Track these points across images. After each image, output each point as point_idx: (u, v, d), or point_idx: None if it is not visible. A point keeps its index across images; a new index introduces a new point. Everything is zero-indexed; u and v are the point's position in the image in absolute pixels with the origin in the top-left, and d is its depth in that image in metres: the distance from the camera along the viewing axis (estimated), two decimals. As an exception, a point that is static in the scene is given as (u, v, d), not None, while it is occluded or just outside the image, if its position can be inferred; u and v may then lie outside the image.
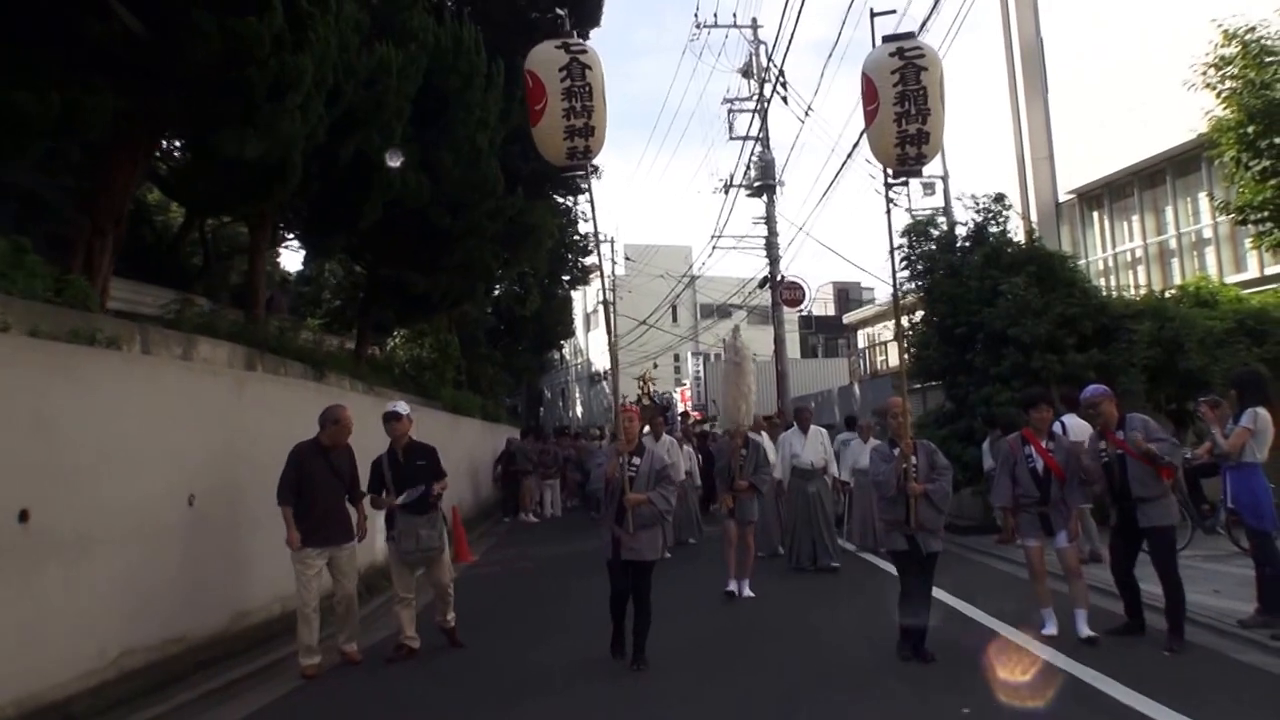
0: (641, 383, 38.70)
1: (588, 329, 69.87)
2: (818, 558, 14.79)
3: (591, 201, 10.80)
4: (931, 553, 9.08)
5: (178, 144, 14.99)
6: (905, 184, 21.66)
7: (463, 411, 25.37)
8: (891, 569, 12.76)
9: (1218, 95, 15.42)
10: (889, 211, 11.16)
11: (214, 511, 9.69)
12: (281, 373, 12.81)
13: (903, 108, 9.40)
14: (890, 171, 9.91)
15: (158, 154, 14.06)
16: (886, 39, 9.61)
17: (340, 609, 9.80)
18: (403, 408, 10.43)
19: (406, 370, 23.51)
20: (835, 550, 15.01)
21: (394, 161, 15.48)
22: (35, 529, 7.25)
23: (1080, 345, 17.52)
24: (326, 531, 9.51)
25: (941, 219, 24.12)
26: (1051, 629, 9.51)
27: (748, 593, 12.66)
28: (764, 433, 14.46)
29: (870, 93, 9.55)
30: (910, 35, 9.79)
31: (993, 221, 19.80)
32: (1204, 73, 15.55)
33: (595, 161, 10.03)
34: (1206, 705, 7.14)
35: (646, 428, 15.46)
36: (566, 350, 67.34)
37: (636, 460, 9.46)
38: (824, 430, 15.93)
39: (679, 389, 55.82)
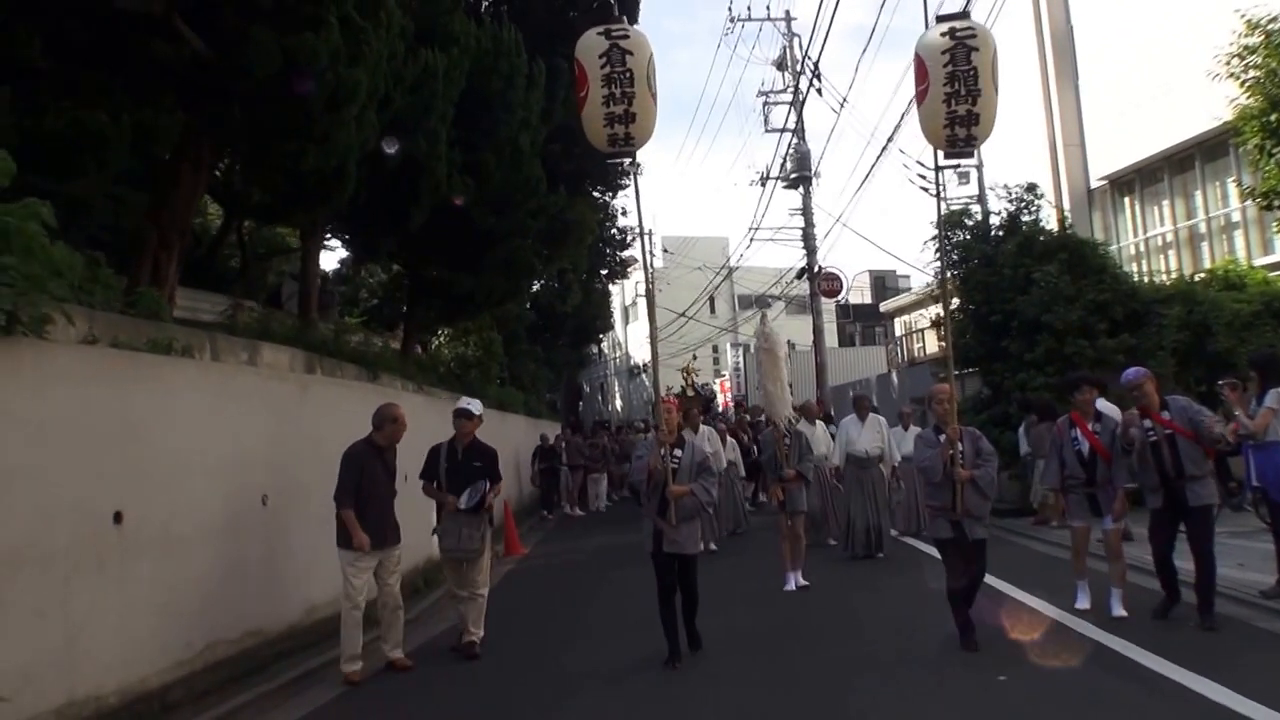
0: (685, 374, 38.86)
1: (626, 322, 70.19)
2: (870, 545, 14.95)
3: (636, 191, 11.06)
4: (977, 539, 9.04)
5: (237, 156, 15.54)
6: (956, 166, 21.92)
7: (507, 408, 25.86)
8: (937, 554, 13.20)
9: (1241, 84, 15.63)
10: (939, 195, 11.31)
11: (284, 510, 10.15)
12: (338, 375, 13.28)
13: (952, 88, 9.35)
14: (940, 153, 9.87)
15: (219, 167, 14.60)
16: (940, 19, 9.56)
17: (386, 614, 9.74)
18: (476, 407, 10.53)
19: (452, 369, 23.99)
20: (884, 540, 15.14)
21: (390, 149, 15.23)
22: (128, 529, 7.73)
23: (1111, 330, 17.83)
24: (381, 534, 9.48)
25: (976, 207, 24.40)
26: (1084, 603, 9.82)
27: (801, 581, 12.72)
28: (804, 420, 14.43)
29: (921, 73, 9.51)
30: (963, 15, 9.75)
31: (1025, 211, 20.10)
32: (1227, 62, 15.78)
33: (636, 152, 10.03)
34: (1228, 669, 7.45)
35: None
36: (605, 344, 67.69)
37: (678, 452, 9.47)
38: (882, 419, 16.06)
39: (719, 380, 56.10)
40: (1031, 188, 20.33)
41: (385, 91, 13.37)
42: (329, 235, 19.32)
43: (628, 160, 10.32)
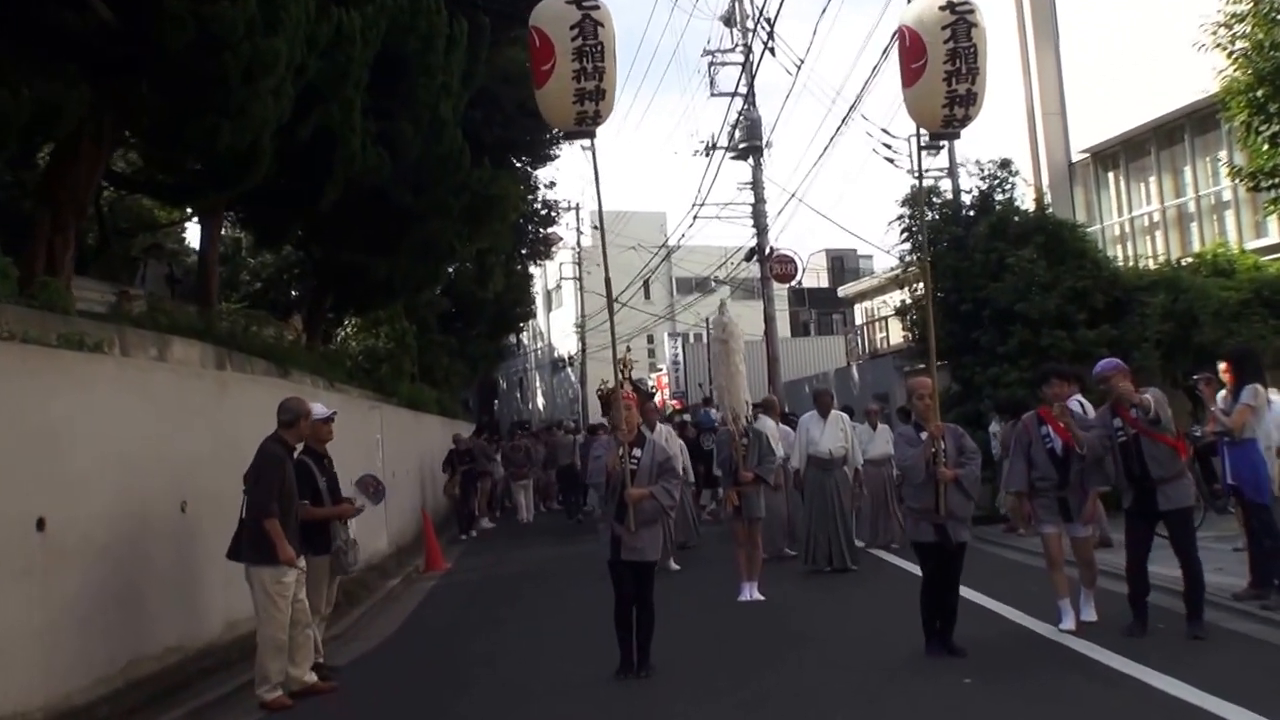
0: (622, 367, 39.31)
1: (549, 309, 70.69)
2: (832, 558, 15.37)
3: (595, 173, 11.37)
4: (960, 543, 9.74)
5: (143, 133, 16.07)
6: (939, 146, 22.76)
7: (420, 407, 26.56)
8: (908, 566, 14.03)
9: (1228, 56, 16.68)
10: (919, 174, 12.20)
11: (203, 518, 10.84)
12: (248, 371, 13.98)
13: (954, 66, 9.78)
14: (928, 134, 10.64)
15: (120, 145, 15.19)
16: (936, -9, 9.96)
17: (296, 632, 9.85)
18: (324, 409, 10.97)
19: (361, 363, 24.62)
20: (853, 551, 15.59)
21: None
22: (51, 536, 8.43)
23: (1091, 320, 18.93)
24: (297, 545, 9.77)
25: (945, 182, 25.36)
26: (1069, 623, 10.20)
27: (756, 595, 13.29)
28: (763, 417, 15.18)
29: (916, 49, 9.96)
30: None
31: (999, 189, 21.10)
32: (1214, 32, 16.80)
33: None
34: (1193, 668, 8.45)
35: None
36: (525, 334, 68.24)
37: (638, 452, 9.97)
38: (846, 416, 16.64)
39: (655, 375, 56.78)
40: (1006, 164, 21.32)
41: (300, 59, 13.99)
42: (230, 216, 19.86)
43: (587, 139, 10.73)
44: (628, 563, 9.77)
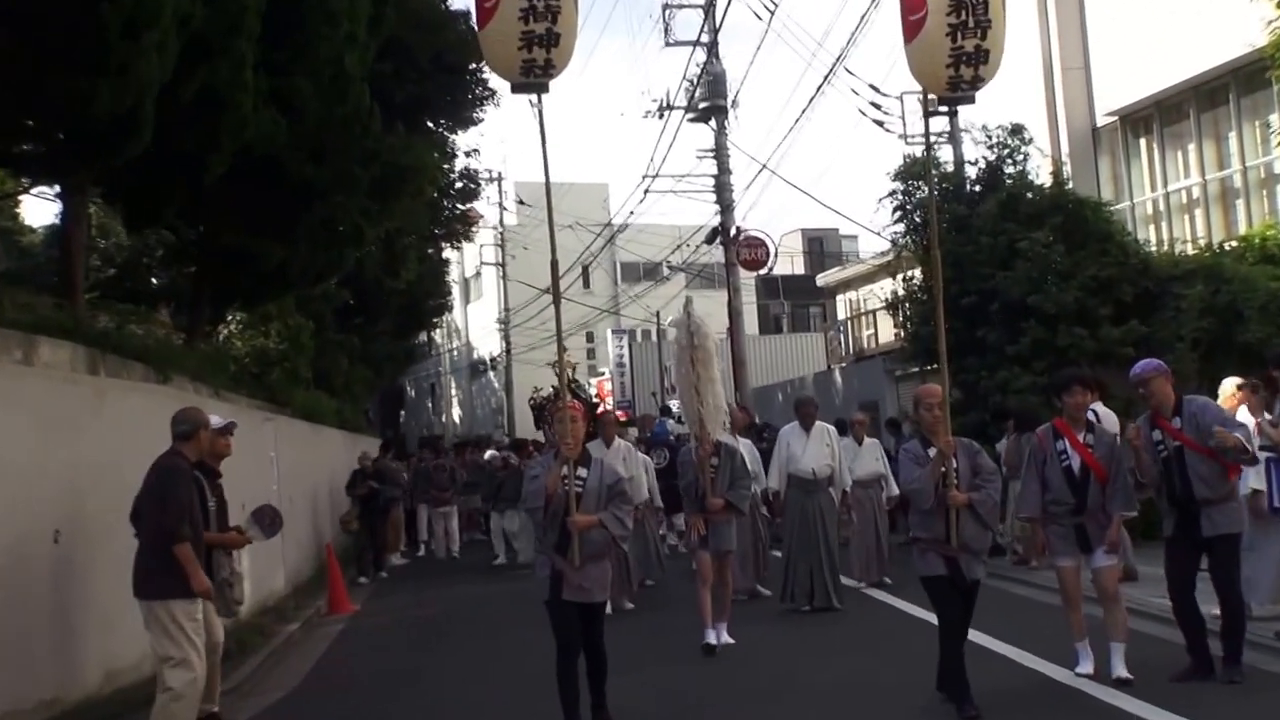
0: (562, 370, 39.23)
1: (467, 300, 70.97)
2: (814, 594, 15.69)
3: (543, 136, 11.18)
4: (975, 581, 9.92)
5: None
6: (952, 112, 23.24)
7: (318, 419, 26.89)
8: (902, 605, 14.69)
9: (1278, 4, 17.19)
10: (928, 143, 12.46)
11: (80, 549, 11.19)
12: (125, 376, 14.31)
13: (959, 18, 9.93)
14: (934, 98, 10.90)
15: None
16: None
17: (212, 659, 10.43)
18: (221, 420, 11.40)
19: (248, 366, 24.83)
20: (838, 586, 15.90)
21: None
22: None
23: (1117, 316, 19.44)
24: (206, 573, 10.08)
25: (946, 150, 25.78)
26: (1087, 666, 10.55)
27: (725, 639, 13.52)
28: (736, 435, 15.39)
29: None
30: None
31: (1009, 160, 21.58)
32: (1261, -23, 17.31)
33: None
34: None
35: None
36: (439, 332, 68.45)
37: (583, 472, 10.09)
38: (832, 428, 16.84)
39: (595, 380, 56.96)
40: (1018, 130, 21.82)
41: (186, 7, 14.29)
42: (98, 194, 19.96)
43: (535, 94, 10.86)
44: (572, 604, 9.85)
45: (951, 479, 9.77)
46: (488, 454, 28.42)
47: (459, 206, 45.22)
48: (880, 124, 29.49)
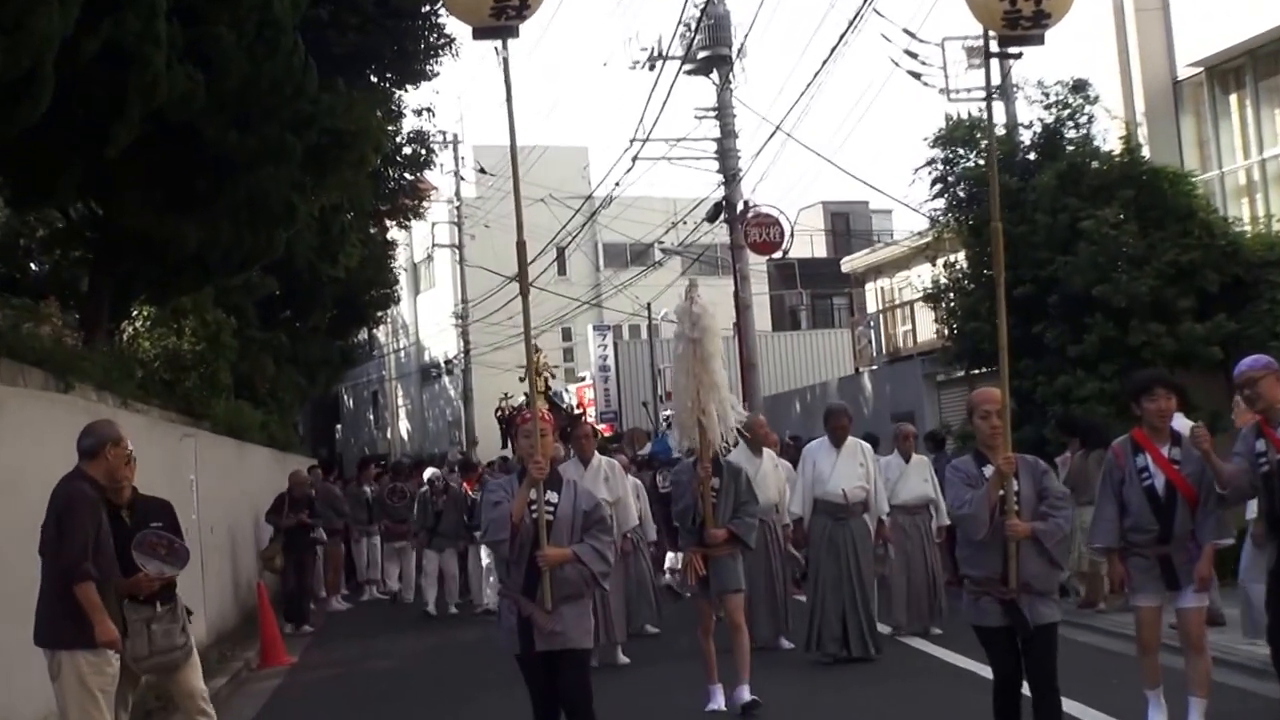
0: (542, 373, 38.75)
1: (416, 291, 71.15)
2: (849, 642, 15.74)
3: (508, 89, 10.96)
4: (1045, 625, 9.56)
5: None
6: (1018, 56, 23.34)
7: (242, 435, 27.22)
8: (950, 656, 15.05)
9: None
10: (990, 95, 12.85)
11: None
12: (20, 383, 14.61)
13: None
14: (994, 35, 10.63)
15: None
16: None
17: None
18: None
19: (158, 372, 24.95)
20: (874, 631, 16.05)
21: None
22: None
23: (1201, 309, 19.60)
24: (118, 620, 10.04)
25: (996, 109, 25.98)
26: (1159, 717, 10.68)
27: (746, 697, 13.24)
28: (743, 447, 15.49)
29: None
30: None
31: (1070, 122, 21.78)
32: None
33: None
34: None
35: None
36: (384, 329, 68.65)
37: (553, 496, 10.03)
38: (866, 445, 16.88)
39: (574, 386, 57.00)
40: (1080, 86, 21.97)
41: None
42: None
43: (502, 39, 10.84)
44: (546, 655, 9.82)
45: (1011, 504, 9.45)
46: (428, 473, 27.72)
47: (407, 176, 44.91)
48: (917, 76, 29.36)
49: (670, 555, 21.22)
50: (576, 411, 46.75)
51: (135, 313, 26.41)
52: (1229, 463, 10.32)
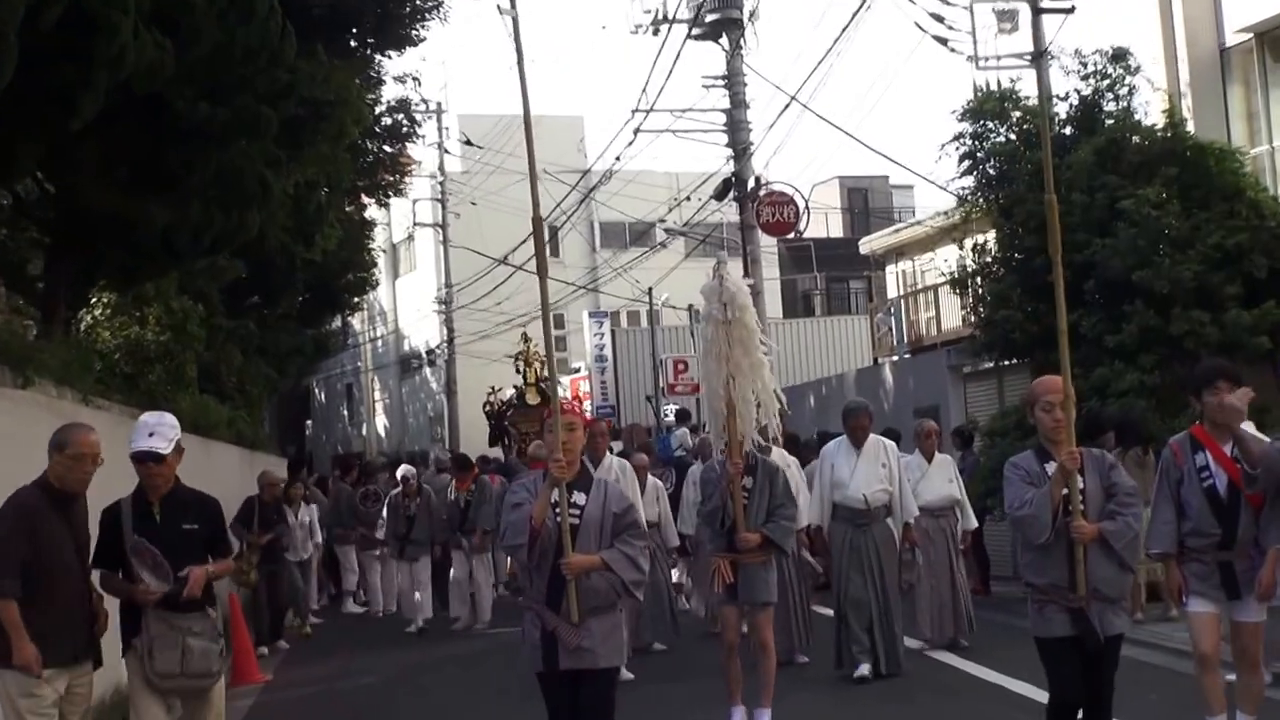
0: (533, 362, 38.65)
1: (396, 274, 71.18)
2: (881, 657, 15.83)
3: (518, 42, 10.88)
4: (1114, 636, 9.68)
5: None
6: (1070, 10, 23.19)
7: (209, 432, 27.31)
8: (982, 672, 15.27)
9: None
10: (1039, 54, 12.35)
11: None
12: (-26, 377, 14.82)
13: None
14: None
15: None
16: None
17: None
18: (170, 428, 11.17)
19: (119, 364, 25.04)
20: (899, 644, 16.19)
21: None
22: None
23: (1249, 295, 19.83)
24: (70, 640, 10.10)
25: (1027, 82, 26.05)
26: None
27: None
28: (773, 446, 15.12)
29: None
30: None
31: (1109, 94, 21.95)
32: None
33: None
34: None
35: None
36: (360, 317, 68.78)
37: (580, 497, 9.88)
38: (890, 444, 16.85)
39: (568, 379, 56.98)
40: (1120, 56, 22.06)
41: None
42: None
43: None
44: (571, 673, 9.67)
45: (1077, 504, 9.45)
46: (400, 470, 27.64)
47: (387, 149, 44.97)
48: (943, 41, 29.15)
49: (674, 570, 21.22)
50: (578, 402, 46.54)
51: (94, 300, 26.45)
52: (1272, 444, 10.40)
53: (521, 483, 10.62)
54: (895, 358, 39.31)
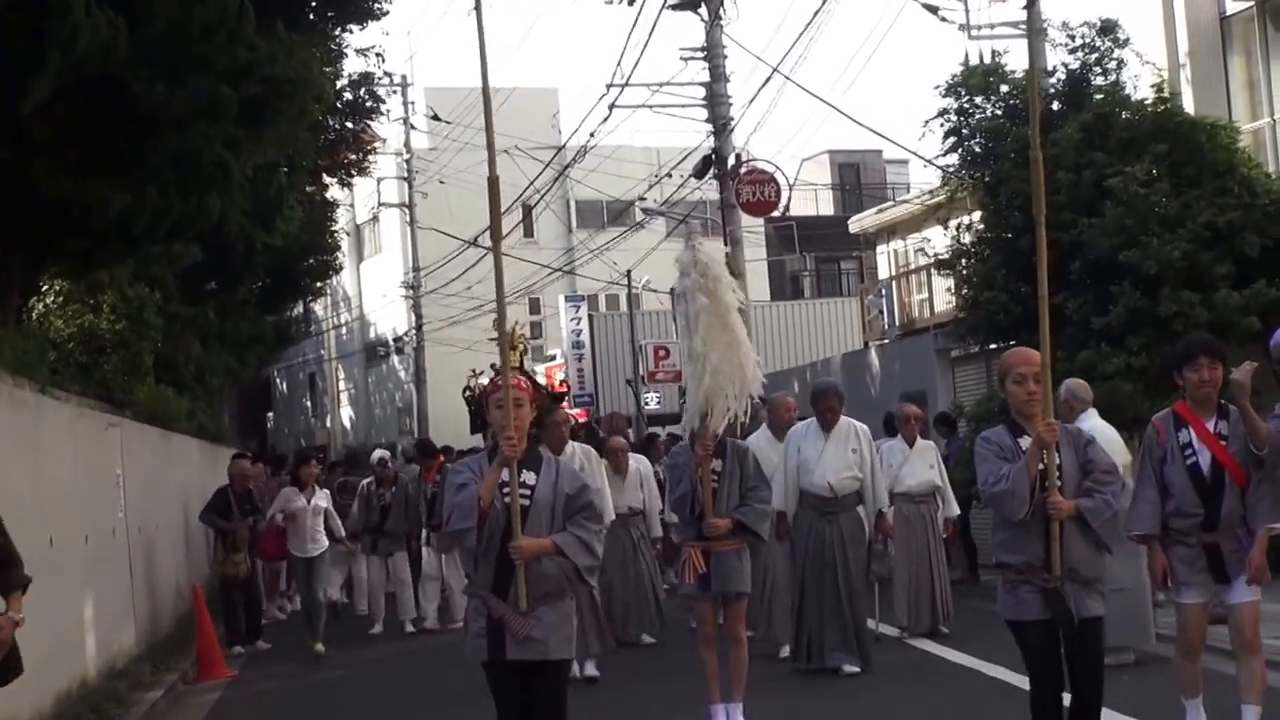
0: (517, 346, 39.01)
1: (360, 258, 71.58)
2: (829, 652, 15.95)
3: (480, 29, 10.52)
4: (1089, 619, 9.60)
5: None
6: None
7: (168, 424, 27.86)
8: (964, 659, 15.72)
9: None
10: (1032, 21, 12.48)
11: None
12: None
13: None
14: None
15: None
16: None
17: None
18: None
19: (72, 354, 25.49)
20: (862, 639, 16.20)
21: None
22: None
23: (1240, 275, 20.23)
24: None
25: (1015, 54, 26.41)
26: None
27: (739, 718, 13.43)
28: (758, 428, 15.67)
29: None
30: None
31: (1098, 68, 22.43)
32: None
33: None
34: None
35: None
36: (322, 303, 69.01)
37: (530, 476, 9.77)
38: (863, 428, 16.78)
39: (544, 365, 57.14)
40: (1109, 28, 22.44)
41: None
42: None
43: None
44: (519, 664, 9.58)
45: (1054, 478, 9.42)
46: (375, 455, 27.67)
47: (349, 125, 45.14)
48: (933, 10, 29.41)
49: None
50: (560, 391, 46.44)
51: (45, 288, 26.81)
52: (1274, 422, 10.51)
53: (465, 462, 10.58)
54: (885, 341, 39.51)
